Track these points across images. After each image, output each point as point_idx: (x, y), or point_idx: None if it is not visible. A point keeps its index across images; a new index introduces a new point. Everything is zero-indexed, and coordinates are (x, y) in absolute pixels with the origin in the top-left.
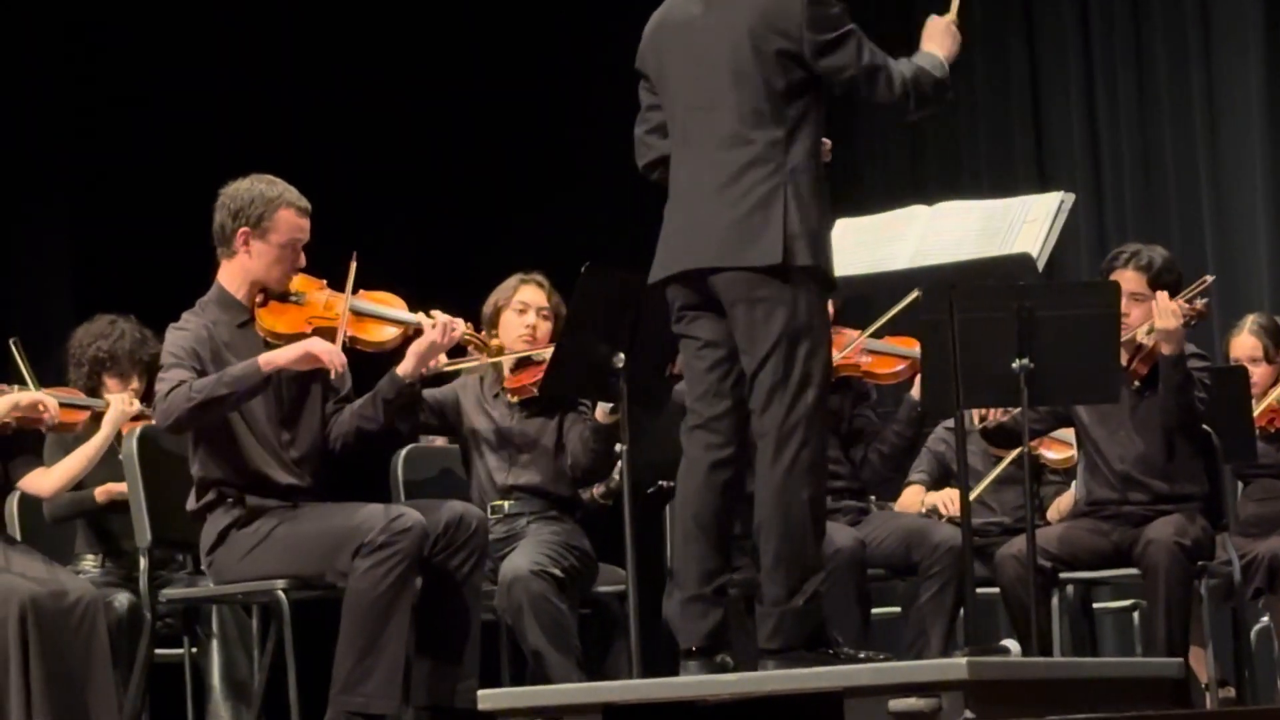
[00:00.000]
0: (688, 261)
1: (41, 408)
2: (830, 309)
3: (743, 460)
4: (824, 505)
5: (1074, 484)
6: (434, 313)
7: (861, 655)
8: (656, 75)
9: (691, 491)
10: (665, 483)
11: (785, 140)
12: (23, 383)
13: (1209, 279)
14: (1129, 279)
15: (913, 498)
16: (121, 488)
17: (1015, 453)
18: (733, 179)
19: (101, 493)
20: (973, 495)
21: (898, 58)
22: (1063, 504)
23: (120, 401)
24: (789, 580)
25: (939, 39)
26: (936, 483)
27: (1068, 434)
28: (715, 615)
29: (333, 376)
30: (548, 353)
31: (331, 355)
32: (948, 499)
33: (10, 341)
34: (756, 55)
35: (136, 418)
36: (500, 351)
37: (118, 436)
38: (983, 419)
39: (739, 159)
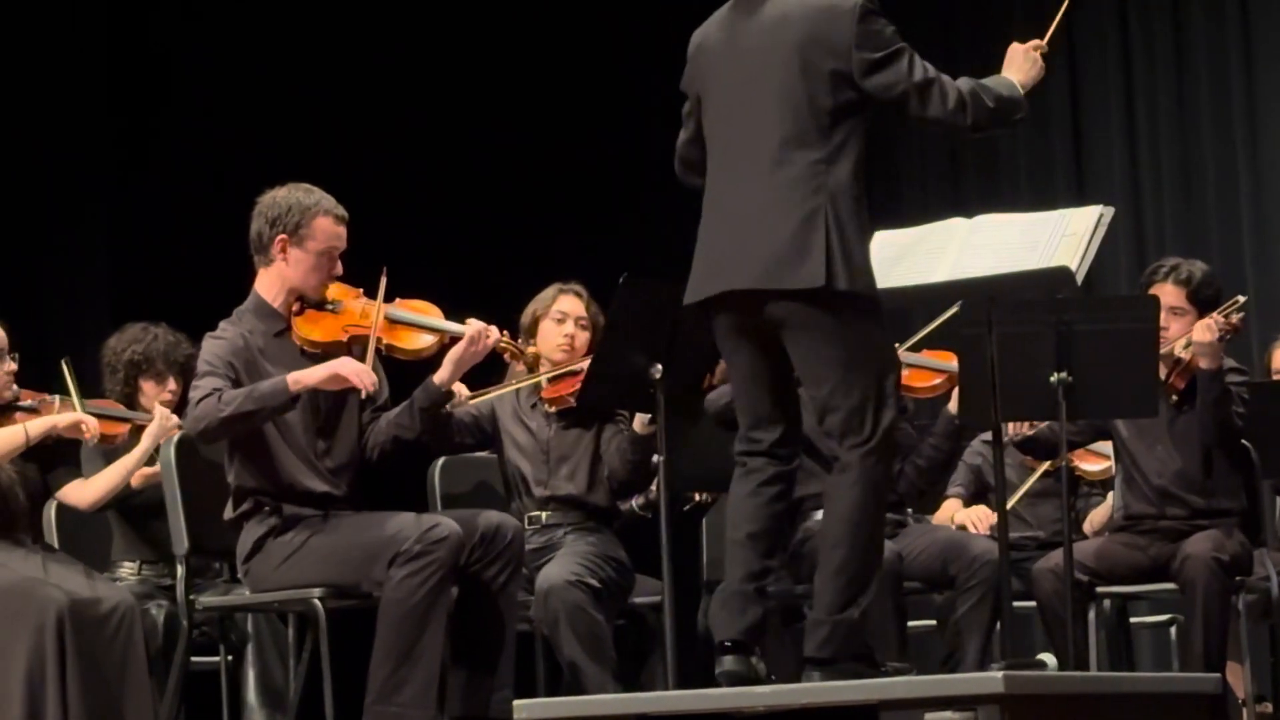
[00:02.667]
0: (729, 282)
1: (83, 428)
2: None
3: (795, 474)
4: (884, 521)
5: (1109, 496)
6: (469, 320)
7: (886, 668)
8: (701, 93)
9: (746, 511)
10: (703, 496)
11: (827, 161)
12: (68, 398)
13: (1241, 299)
14: (1168, 293)
15: (948, 511)
16: (155, 470)
17: (1047, 464)
18: (774, 200)
19: (136, 476)
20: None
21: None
22: (1097, 517)
23: (161, 416)
24: (847, 591)
25: (1018, 64)
26: (973, 496)
27: (1104, 446)
28: (755, 612)
29: (362, 396)
30: (585, 364)
31: (360, 375)
32: (976, 518)
33: (62, 361)
34: (805, 75)
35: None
36: (536, 359)
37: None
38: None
39: (780, 179)
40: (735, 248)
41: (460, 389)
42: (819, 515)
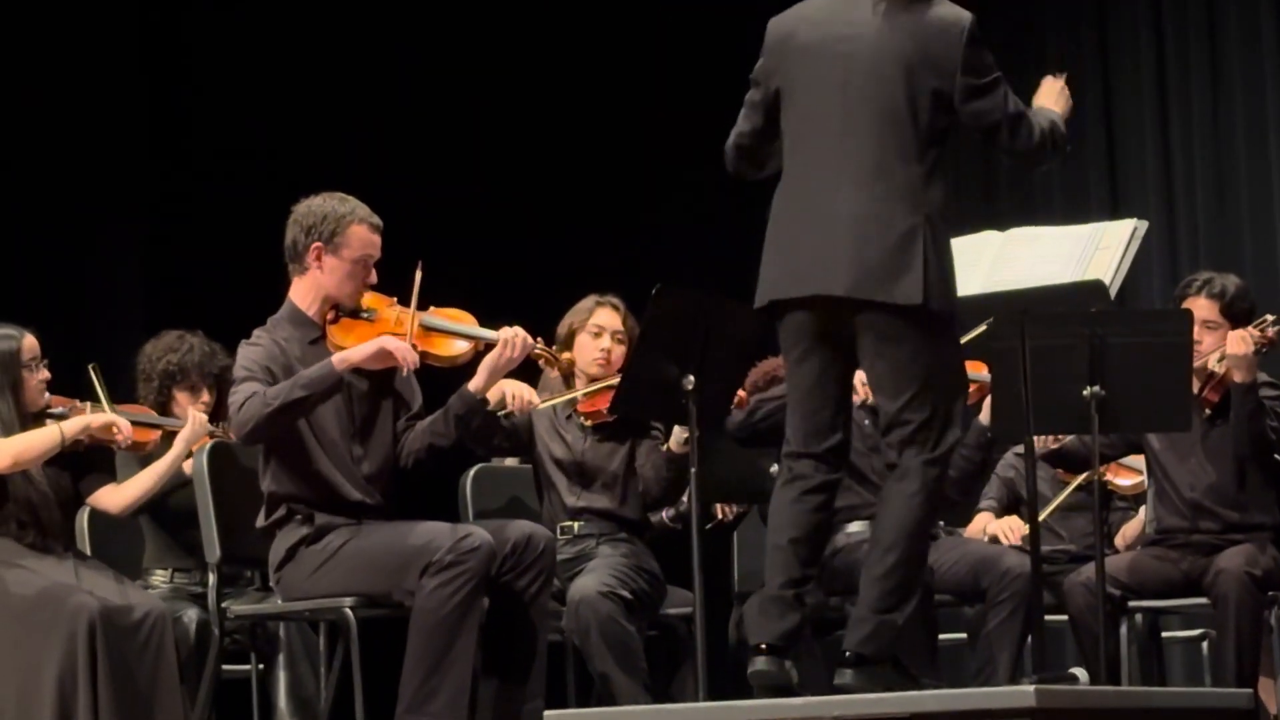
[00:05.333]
0: (821, 287)
1: (115, 429)
2: None
3: (839, 484)
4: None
5: (1142, 510)
6: (503, 327)
7: (920, 679)
8: (785, 89)
9: (789, 516)
10: (727, 511)
11: (925, 180)
12: (99, 405)
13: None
14: (1202, 306)
15: (980, 524)
16: (187, 465)
17: (1081, 478)
18: (874, 212)
19: (185, 465)
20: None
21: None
22: (1129, 531)
23: (194, 421)
24: (895, 594)
25: (1052, 95)
26: (1005, 509)
27: (1137, 460)
28: (792, 618)
29: (404, 373)
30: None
31: (404, 352)
32: (1008, 528)
33: (90, 367)
34: (909, 90)
35: (209, 436)
36: (571, 365)
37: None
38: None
39: (881, 192)
40: (827, 253)
41: (530, 396)
42: (850, 529)
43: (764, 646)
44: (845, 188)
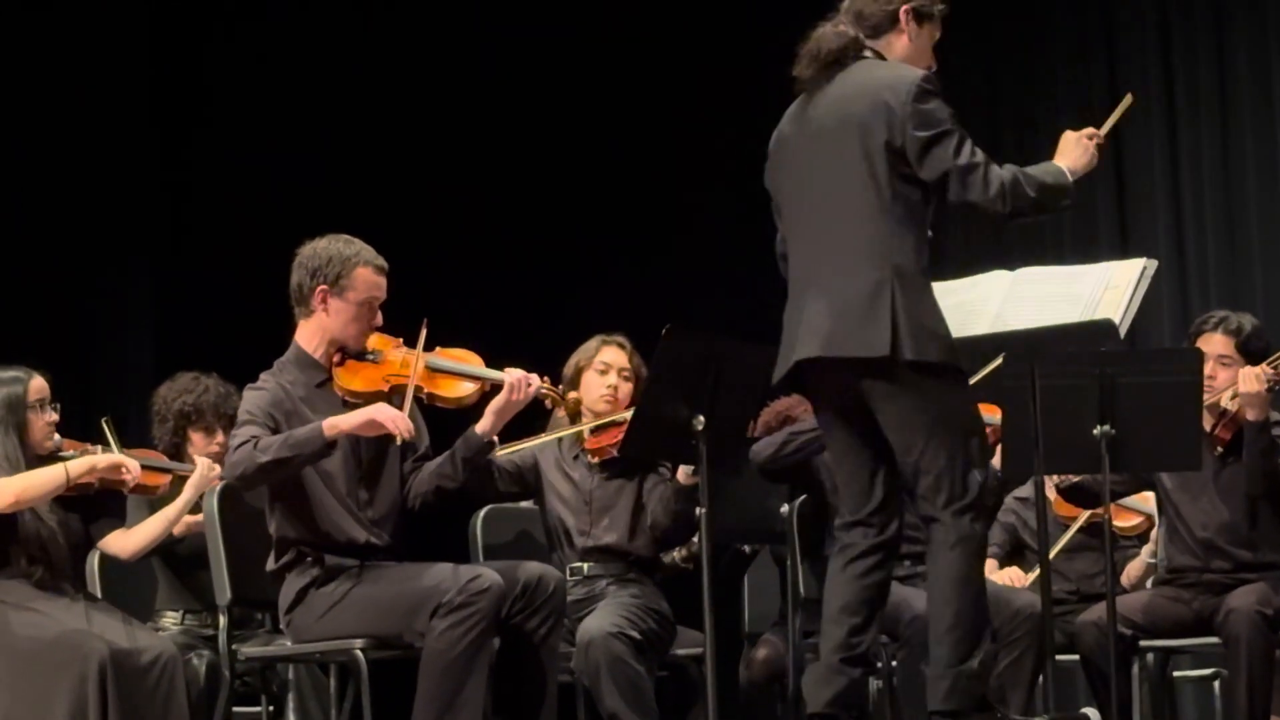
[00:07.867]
0: (800, 353)
1: (123, 470)
2: None
3: (894, 544)
4: (984, 574)
5: (1144, 549)
6: (509, 369)
7: (1005, 715)
8: (778, 184)
9: (837, 587)
10: (745, 548)
11: (891, 234)
12: (109, 449)
13: None
14: (1217, 343)
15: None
16: (198, 519)
17: (1084, 518)
18: (839, 271)
19: (179, 525)
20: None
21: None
22: (1134, 570)
23: (203, 466)
24: (964, 644)
25: (1068, 151)
26: (1009, 555)
27: (1137, 501)
28: (839, 682)
29: (398, 442)
30: (627, 415)
31: (396, 421)
32: (1010, 579)
33: (103, 421)
34: (866, 149)
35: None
36: (577, 405)
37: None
38: (1060, 480)
39: (845, 251)
40: (804, 320)
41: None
42: None
43: (813, 716)
44: (816, 254)
